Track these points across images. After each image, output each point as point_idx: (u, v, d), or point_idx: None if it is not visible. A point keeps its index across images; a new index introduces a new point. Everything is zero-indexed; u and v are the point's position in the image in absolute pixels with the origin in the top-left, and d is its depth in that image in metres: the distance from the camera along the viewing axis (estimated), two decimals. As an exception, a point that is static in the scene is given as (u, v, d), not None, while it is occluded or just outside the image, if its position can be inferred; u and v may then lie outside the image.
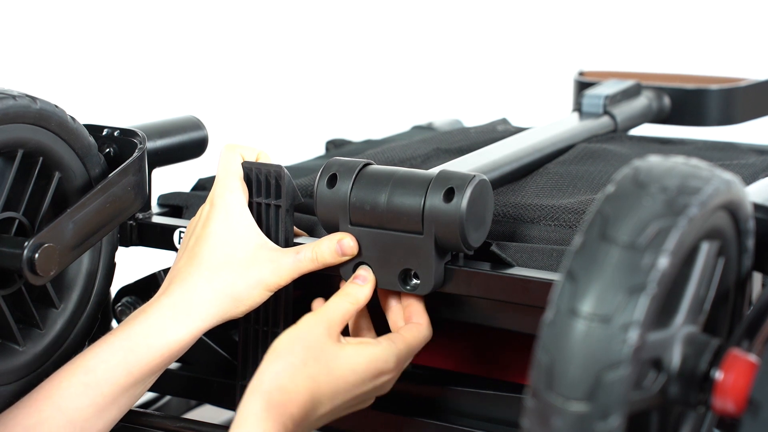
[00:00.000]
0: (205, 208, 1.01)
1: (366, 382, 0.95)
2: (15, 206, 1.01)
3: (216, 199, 1.00)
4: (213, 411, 1.28)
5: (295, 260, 0.99)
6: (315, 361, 0.92)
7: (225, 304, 0.98)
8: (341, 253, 0.99)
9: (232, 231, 0.99)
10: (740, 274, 0.86)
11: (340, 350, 0.94)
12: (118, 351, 0.97)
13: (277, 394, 0.89)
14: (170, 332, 0.97)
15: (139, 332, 0.97)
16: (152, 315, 0.98)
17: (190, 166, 1.23)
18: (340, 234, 1.00)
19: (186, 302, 0.98)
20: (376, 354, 0.96)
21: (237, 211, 1.00)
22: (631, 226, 0.73)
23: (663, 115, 1.54)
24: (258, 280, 0.98)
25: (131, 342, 0.97)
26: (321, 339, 0.94)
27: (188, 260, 1.00)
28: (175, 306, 0.98)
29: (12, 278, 1.01)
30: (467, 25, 2.71)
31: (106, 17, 2.46)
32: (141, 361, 0.97)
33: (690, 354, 0.78)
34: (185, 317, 0.97)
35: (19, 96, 0.98)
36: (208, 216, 1.00)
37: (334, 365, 0.94)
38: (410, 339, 0.99)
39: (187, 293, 0.98)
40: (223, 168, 1.02)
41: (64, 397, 0.95)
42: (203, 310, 0.98)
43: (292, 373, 0.91)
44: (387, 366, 0.96)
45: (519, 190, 1.14)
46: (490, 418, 1.03)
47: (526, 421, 0.74)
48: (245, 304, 0.99)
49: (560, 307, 0.72)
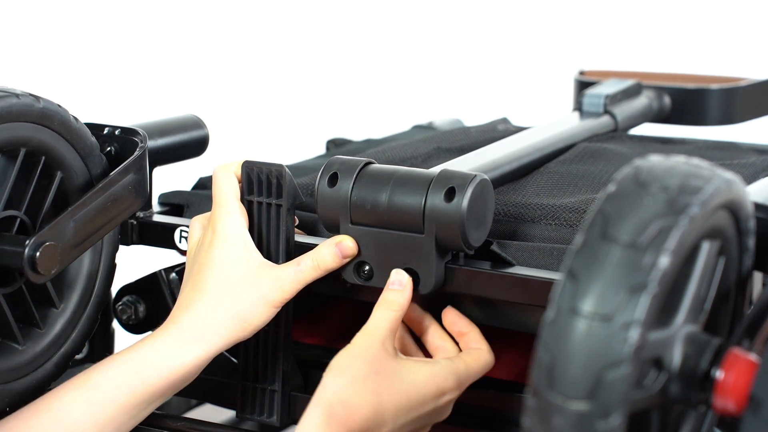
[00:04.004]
0: (208, 233, 1.01)
1: (428, 401, 0.94)
2: (16, 205, 1.01)
3: (217, 224, 1.00)
4: (213, 410, 1.28)
5: (297, 272, 0.99)
6: (377, 375, 0.92)
7: (231, 326, 0.98)
8: (342, 256, 0.99)
9: (233, 255, 0.99)
10: (741, 273, 0.86)
11: (400, 365, 0.94)
12: (123, 370, 0.97)
13: (340, 407, 0.89)
14: (178, 357, 0.97)
15: (146, 354, 0.97)
16: (160, 339, 0.98)
17: (191, 165, 1.23)
18: (337, 237, 1.00)
19: (192, 328, 0.98)
20: (435, 371, 0.95)
21: (238, 235, 1.00)
22: (632, 226, 0.73)
23: (663, 114, 1.54)
24: (261, 298, 0.98)
25: (138, 362, 0.97)
26: (380, 354, 0.93)
27: (192, 287, 1.00)
28: (182, 332, 0.98)
29: (13, 277, 1.01)
30: (467, 24, 2.71)
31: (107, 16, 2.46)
32: (146, 383, 0.97)
33: (691, 353, 0.78)
34: (192, 342, 0.97)
35: (22, 95, 0.98)
36: (210, 243, 1.00)
37: (396, 380, 0.93)
38: (471, 362, 0.98)
39: (192, 319, 0.98)
40: (219, 190, 1.01)
41: (65, 411, 0.95)
42: (209, 335, 0.98)
43: (355, 387, 0.91)
44: (447, 384, 0.95)
45: (519, 190, 1.14)
46: (490, 417, 1.03)
47: (527, 420, 0.75)
48: (252, 324, 0.99)
49: (561, 306, 0.72)
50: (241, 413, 1.06)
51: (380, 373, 0.92)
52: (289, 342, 1.04)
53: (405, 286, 0.97)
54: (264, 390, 1.05)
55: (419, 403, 0.94)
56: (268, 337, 1.04)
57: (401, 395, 0.93)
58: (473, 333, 1.00)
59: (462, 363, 0.97)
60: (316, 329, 1.17)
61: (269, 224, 1.02)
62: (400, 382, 0.93)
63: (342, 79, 2.65)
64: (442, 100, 2.60)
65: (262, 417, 1.05)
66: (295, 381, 1.06)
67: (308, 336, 1.16)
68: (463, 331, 1.01)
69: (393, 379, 0.93)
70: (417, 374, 0.94)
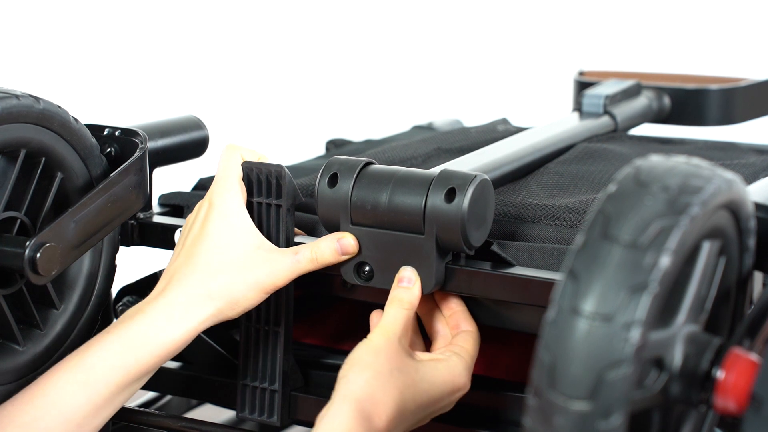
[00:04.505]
0: (203, 206, 1.01)
1: (444, 397, 0.95)
2: (17, 206, 1.01)
3: (214, 198, 1.00)
4: (214, 410, 1.28)
5: (294, 261, 0.99)
6: (400, 372, 0.92)
7: (221, 305, 0.98)
8: (341, 252, 0.99)
9: (229, 232, 0.99)
10: (741, 273, 0.86)
11: (419, 364, 0.95)
12: (116, 350, 0.96)
13: (369, 404, 0.89)
14: (167, 332, 0.97)
15: (136, 331, 0.97)
16: (149, 314, 0.97)
17: (191, 166, 1.23)
18: (339, 233, 1.00)
19: (183, 303, 0.97)
20: (450, 368, 0.96)
21: (235, 212, 1.00)
22: (633, 225, 0.73)
23: (663, 114, 1.54)
24: (254, 282, 0.98)
25: (129, 341, 0.97)
26: (400, 352, 0.94)
27: (185, 260, 0.99)
28: (172, 306, 0.97)
29: (13, 278, 1.02)
30: (467, 25, 2.71)
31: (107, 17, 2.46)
32: (138, 361, 0.96)
33: (691, 353, 0.78)
34: (182, 318, 0.97)
35: (22, 96, 0.98)
36: (206, 216, 1.00)
37: (417, 378, 0.93)
38: (470, 349, 0.98)
39: (183, 294, 0.98)
40: (223, 167, 1.02)
41: (61, 394, 0.95)
42: (199, 311, 0.97)
43: (383, 383, 0.91)
44: (461, 380, 0.96)
45: (520, 190, 1.14)
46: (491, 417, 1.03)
47: (528, 420, 0.75)
48: (241, 305, 0.98)
49: (562, 306, 0.72)
50: (241, 413, 1.06)
51: (402, 370, 0.93)
52: (289, 342, 1.04)
53: (414, 282, 0.97)
54: (264, 390, 1.05)
55: (436, 400, 0.95)
56: (269, 337, 1.04)
57: (422, 394, 0.93)
58: (461, 312, 1.01)
59: (466, 353, 0.98)
60: (316, 329, 1.17)
61: (269, 224, 1.02)
62: (421, 380, 0.94)
63: (342, 80, 2.65)
64: (442, 100, 2.60)
65: (262, 417, 1.05)
66: (295, 381, 1.06)
67: (308, 336, 1.16)
68: (453, 308, 1.01)
69: (415, 378, 0.93)
70: (434, 372, 0.95)
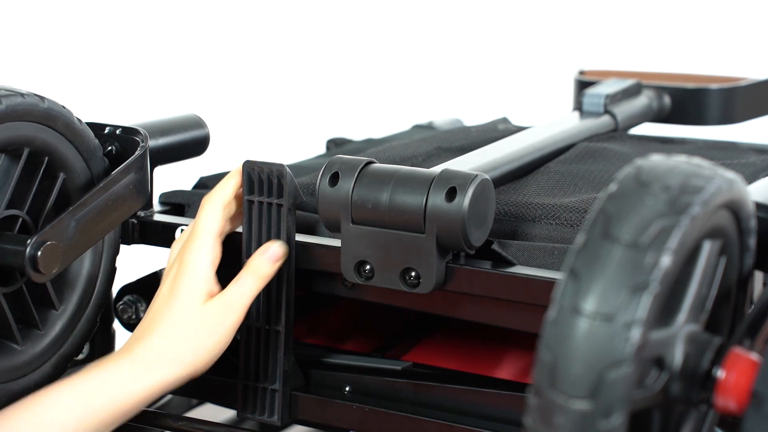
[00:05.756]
0: (175, 265, 1.01)
1: None
2: (19, 204, 1.01)
3: (185, 256, 1.00)
4: (214, 410, 1.28)
5: (240, 288, 0.99)
6: None
7: (185, 359, 0.98)
8: (274, 260, 1.00)
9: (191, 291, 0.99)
10: (742, 272, 0.86)
11: None
12: (72, 396, 0.95)
13: None
14: (127, 387, 0.96)
15: (95, 381, 0.96)
16: (110, 368, 0.97)
17: (192, 165, 1.23)
18: (266, 245, 1.01)
19: (145, 359, 0.97)
20: None
21: (201, 272, 0.99)
22: (633, 225, 0.73)
23: (663, 114, 1.54)
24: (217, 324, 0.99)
25: (86, 389, 0.96)
26: None
27: (152, 317, 1.00)
28: (134, 362, 0.97)
29: (13, 277, 1.02)
30: (467, 24, 2.71)
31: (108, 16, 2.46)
32: (96, 410, 0.95)
33: (692, 352, 0.78)
34: (143, 374, 0.97)
35: (27, 94, 0.98)
36: (175, 275, 1.00)
37: None
38: None
39: (146, 349, 0.98)
40: (200, 223, 1.01)
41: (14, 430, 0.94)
42: (162, 366, 0.98)
43: None
44: None
45: (520, 189, 1.14)
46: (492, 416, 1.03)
47: (528, 419, 0.75)
48: (210, 353, 0.99)
49: (563, 305, 0.73)
50: (241, 413, 1.06)
51: None
52: (289, 341, 1.04)
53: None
54: (265, 389, 1.05)
55: None
56: (269, 337, 1.04)
57: None
58: None
59: None
60: (316, 329, 1.17)
61: (270, 224, 1.02)
62: None
63: (342, 79, 2.65)
64: (442, 100, 2.60)
65: (263, 416, 1.05)
66: (296, 380, 1.06)
67: (309, 335, 1.16)
68: None
69: None
70: None
